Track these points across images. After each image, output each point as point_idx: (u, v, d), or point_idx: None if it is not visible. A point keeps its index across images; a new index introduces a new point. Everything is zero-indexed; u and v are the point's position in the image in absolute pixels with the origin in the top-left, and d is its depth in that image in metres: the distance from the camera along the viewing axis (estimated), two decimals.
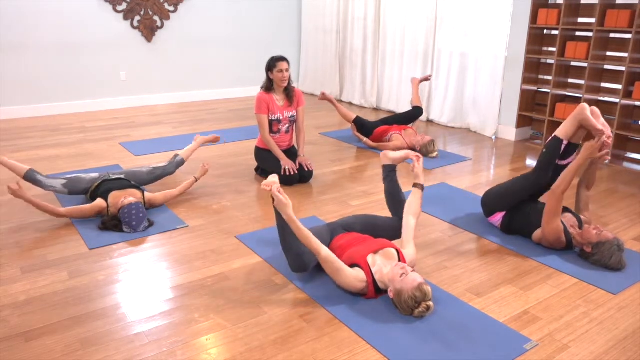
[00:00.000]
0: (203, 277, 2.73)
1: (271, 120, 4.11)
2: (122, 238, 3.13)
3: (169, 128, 5.87)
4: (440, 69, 6.19)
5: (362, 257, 2.52)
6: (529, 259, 2.98)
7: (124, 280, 2.70)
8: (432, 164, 4.71)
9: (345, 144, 5.37)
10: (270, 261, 2.89)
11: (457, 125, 6.13)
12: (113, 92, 6.77)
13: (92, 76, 6.57)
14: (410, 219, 2.74)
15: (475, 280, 2.75)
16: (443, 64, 6.16)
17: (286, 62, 4.02)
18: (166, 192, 3.59)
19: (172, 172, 3.85)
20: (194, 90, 7.40)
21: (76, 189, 3.53)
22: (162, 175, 3.81)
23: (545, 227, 2.99)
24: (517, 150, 5.32)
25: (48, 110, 6.38)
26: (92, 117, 6.29)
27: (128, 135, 5.52)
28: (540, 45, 5.42)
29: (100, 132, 5.59)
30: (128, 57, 6.76)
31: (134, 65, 6.83)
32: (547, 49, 5.44)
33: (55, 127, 5.82)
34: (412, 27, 6.43)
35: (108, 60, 6.63)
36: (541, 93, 5.60)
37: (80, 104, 6.58)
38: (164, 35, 6.97)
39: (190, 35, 7.16)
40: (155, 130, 5.76)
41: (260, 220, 3.45)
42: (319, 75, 7.93)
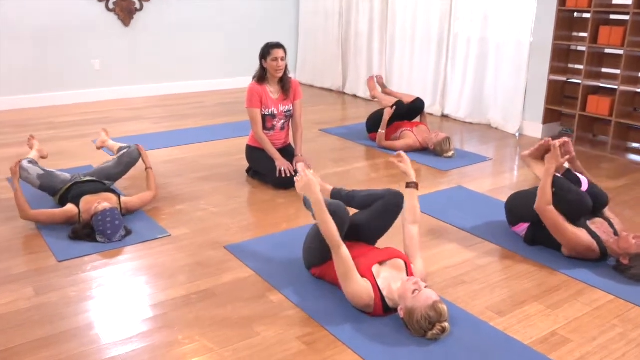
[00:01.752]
0: (187, 293, 2.73)
1: (264, 115, 4.12)
2: (96, 249, 3.13)
3: (149, 124, 5.87)
4: (457, 56, 6.20)
5: (367, 268, 2.52)
6: (557, 273, 2.98)
7: (97, 296, 2.69)
8: (447, 164, 4.72)
9: (348, 141, 5.37)
10: (264, 275, 2.89)
11: (475, 121, 6.14)
12: (85, 83, 6.78)
13: (61, 66, 6.58)
14: (411, 228, 2.74)
15: (496, 297, 2.75)
16: (460, 51, 6.17)
17: (282, 50, 4.03)
18: (141, 195, 3.59)
19: (138, 156, 3.85)
20: (178, 81, 7.41)
21: (49, 185, 3.55)
22: (130, 162, 3.82)
23: (564, 244, 3.03)
24: None
25: (11, 104, 6.39)
26: (62, 112, 6.29)
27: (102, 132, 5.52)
28: (570, 30, 5.43)
29: (71, 129, 5.60)
30: (102, 43, 6.77)
31: (109, 53, 6.85)
32: (577, 34, 5.45)
33: (20, 123, 5.83)
34: (424, 9, 6.44)
35: (79, 48, 6.64)
36: (571, 84, 5.61)
37: (48, 97, 6.59)
38: (144, 18, 6.98)
39: (174, 19, 7.17)
40: (133, 126, 5.77)
41: (252, 229, 3.45)
42: (319, 64, 7.94)
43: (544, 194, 3.06)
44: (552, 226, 3.04)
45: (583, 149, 5.24)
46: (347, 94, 7.65)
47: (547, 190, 3.05)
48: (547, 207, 3.03)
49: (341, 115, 6.73)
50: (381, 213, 2.76)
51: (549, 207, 3.03)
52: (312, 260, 2.82)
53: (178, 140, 5.27)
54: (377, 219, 2.76)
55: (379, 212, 2.76)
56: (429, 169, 4.64)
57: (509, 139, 5.62)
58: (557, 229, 3.03)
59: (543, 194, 3.06)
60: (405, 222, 2.76)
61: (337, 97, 7.57)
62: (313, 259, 2.81)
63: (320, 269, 2.79)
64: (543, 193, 3.06)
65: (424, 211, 3.73)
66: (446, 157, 4.86)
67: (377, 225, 2.79)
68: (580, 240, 2.98)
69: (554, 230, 3.04)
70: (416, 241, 2.71)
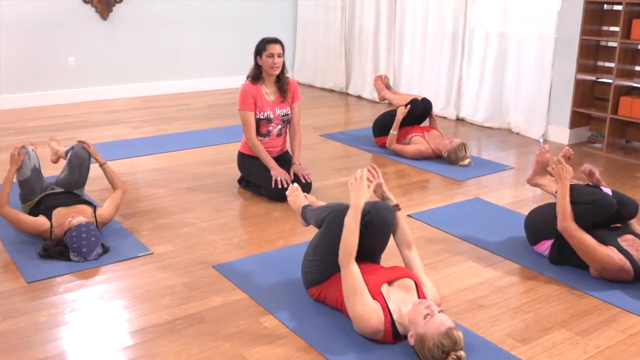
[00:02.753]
0: (172, 318, 2.72)
1: (259, 119, 4.13)
2: (69, 268, 3.12)
3: (130, 128, 5.88)
4: (473, 53, 6.23)
5: (376, 287, 2.51)
6: (587, 295, 2.97)
7: (70, 322, 2.68)
8: (463, 173, 4.72)
9: (352, 148, 5.38)
10: (258, 298, 2.88)
11: (494, 125, 6.15)
12: (59, 82, 6.81)
13: (32, 64, 6.61)
14: (408, 254, 2.75)
15: (518, 322, 2.74)
16: (477, 48, 6.19)
17: (279, 46, 4.04)
18: (111, 199, 3.56)
19: (86, 154, 3.73)
20: (162, 80, 7.44)
21: (33, 184, 3.57)
22: (82, 164, 3.70)
23: (593, 264, 3.03)
24: None
25: None
26: (34, 114, 6.31)
27: (78, 137, 5.51)
28: (599, 23, 5.45)
29: (43, 133, 5.61)
30: (78, 38, 6.80)
31: (85, 49, 6.88)
32: (607, 28, 5.47)
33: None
34: (437, 1, 6.47)
35: (53, 43, 6.67)
36: (601, 84, 5.62)
37: (17, 98, 6.61)
38: (124, 11, 7.02)
39: (157, 11, 7.21)
40: (112, 131, 5.78)
41: (244, 246, 3.44)
42: (320, 63, 7.97)
43: (563, 211, 3.10)
44: (578, 246, 3.05)
45: (614, 157, 5.25)
46: (350, 94, 7.67)
47: (566, 206, 3.10)
48: (570, 225, 3.05)
49: (344, 119, 6.74)
50: (371, 232, 2.69)
51: (572, 224, 3.05)
52: (311, 277, 2.81)
53: (162, 147, 5.28)
54: (369, 238, 2.70)
55: (368, 230, 2.68)
56: (442, 178, 4.64)
57: (531, 145, 5.62)
58: (584, 248, 3.03)
59: (563, 212, 3.10)
60: (400, 248, 2.79)
61: (340, 98, 7.59)
62: (312, 274, 2.80)
63: (320, 288, 2.78)
64: (563, 210, 3.10)
65: (437, 225, 3.73)
66: (461, 165, 4.86)
67: (371, 244, 2.75)
68: (611, 259, 2.97)
69: (581, 251, 3.05)
70: (418, 265, 2.72)
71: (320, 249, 2.74)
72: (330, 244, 2.66)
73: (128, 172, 4.64)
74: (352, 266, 2.53)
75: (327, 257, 2.68)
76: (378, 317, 2.44)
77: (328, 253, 2.66)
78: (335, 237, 2.63)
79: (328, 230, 2.72)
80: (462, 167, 4.84)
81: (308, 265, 2.83)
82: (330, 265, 2.66)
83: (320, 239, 2.78)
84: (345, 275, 2.54)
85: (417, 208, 4.00)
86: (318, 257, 2.75)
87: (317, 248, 2.77)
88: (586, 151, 5.45)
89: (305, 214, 3.06)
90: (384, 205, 2.73)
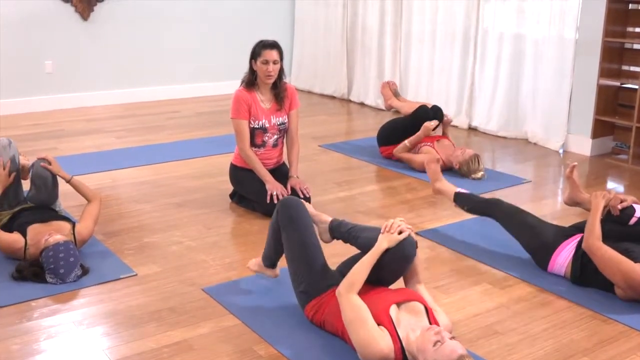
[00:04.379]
0: (158, 346, 2.72)
1: (253, 128, 4.14)
2: (45, 291, 3.11)
3: (112, 138, 5.90)
4: (487, 57, 6.26)
5: (384, 310, 2.51)
6: (612, 321, 2.97)
7: (46, 350, 2.67)
8: (476, 187, 4.72)
9: (354, 159, 5.39)
10: (251, 324, 2.88)
11: (510, 135, 6.17)
12: (35, 88, 6.82)
13: (5, 68, 6.61)
14: (417, 287, 2.80)
15: (537, 350, 2.73)
16: (490, 50, 6.22)
17: (276, 52, 4.04)
18: (87, 213, 3.55)
19: (47, 172, 3.66)
20: (147, 86, 7.46)
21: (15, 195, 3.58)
22: (45, 183, 3.65)
23: (620, 281, 3.04)
24: (594, 169, 5.34)
25: None
26: (7, 123, 6.31)
27: (55, 148, 5.54)
28: (624, 24, 5.49)
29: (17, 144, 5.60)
30: (56, 41, 6.83)
31: (64, 52, 6.90)
32: (633, 29, 5.51)
33: None
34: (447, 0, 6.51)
35: (28, 46, 6.69)
36: (625, 90, 5.64)
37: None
38: (107, 10, 7.05)
39: (142, 10, 7.24)
40: (92, 141, 5.79)
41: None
42: (320, 66, 8.00)
43: (592, 228, 3.16)
44: (603, 263, 3.07)
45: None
46: (353, 101, 7.70)
47: (595, 223, 3.17)
48: (595, 243, 3.11)
49: (346, 128, 6.76)
50: (388, 264, 2.72)
51: (598, 243, 3.10)
52: (301, 293, 2.85)
53: (148, 158, 5.28)
54: (384, 270, 2.73)
55: (385, 263, 2.71)
56: None
57: (550, 156, 5.64)
58: (609, 265, 3.04)
59: (591, 229, 3.16)
60: (407, 283, 2.84)
61: (341, 105, 7.62)
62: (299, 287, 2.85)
63: (315, 304, 2.79)
64: (591, 228, 3.17)
65: (447, 245, 3.74)
66: (474, 178, 4.87)
67: (384, 276, 2.78)
68: (637, 274, 2.97)
69: (607, 267, 3.06)
70: (427, 297, 2.75)
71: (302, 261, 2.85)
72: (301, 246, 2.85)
73: (110, 185, 4.65)
74: (351, 296, 2.56)
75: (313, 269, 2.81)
76: (386, 342, 2.44)
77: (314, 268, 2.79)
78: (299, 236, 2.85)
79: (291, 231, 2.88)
80: (475, 181, 4.85)
81: (292, 279, 2.90)
82: (319, 276, 2.78)
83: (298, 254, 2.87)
84: (345, 305, 2.55)
85: (426, 225, 4.01)
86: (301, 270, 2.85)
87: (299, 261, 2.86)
88: (610, 163, 5.46)
89: (342, 227, 3.05)
90: (408, 240, 2.74)
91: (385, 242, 2.67)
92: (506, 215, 3.63)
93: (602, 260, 3.07)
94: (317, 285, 2.81)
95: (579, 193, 3.81)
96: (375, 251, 2.67)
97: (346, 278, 2.62)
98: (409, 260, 2.76)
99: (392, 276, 2.82)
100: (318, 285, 2.81)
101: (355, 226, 3.01)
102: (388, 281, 2.82)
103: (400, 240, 2.67)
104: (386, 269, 2.74)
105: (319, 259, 2.86)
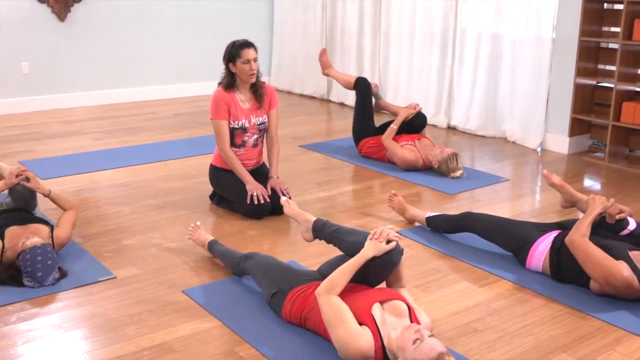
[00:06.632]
0: (137, 349, 2.70)
1: (233, 128, 4.14)
2: (23, 295, 3.09)
3: (90, 140, 5.86)
4: (465, 57, 6.30)
5: (366, 309, 2.52)
6: (589, 317, 3.00)
7: (24, 355, 2.65)
8: (455, 186, 4.76)
9: (334, 159, 5.40)
10: (232, 325, 2.87)
11: (488, 134, 6.21)
12: (11, 90, 6.76)
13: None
14: (401, 291, 2.81)
15: (516, 347, 2.75)
16: (468, 50, 6.27)
17: (254, 49, 4.07)
18: (64, 218, 3.53)
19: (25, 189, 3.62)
20: (125, 87, 7.42)
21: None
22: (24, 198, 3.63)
23: (597, 276, 3.06)
24: (571, 167, 5.39)
25: None
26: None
27: (32, 150, 5.50)
28: (599, 24, 5.55)
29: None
30: (32, 42, 6.77)
31: (40, 54, 6.84)
32: (608, 29, 5.57)
33: None
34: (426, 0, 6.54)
35: (4, 47, 6.63)
36: (602, 88, 5.71)
37: None
38: (84, 11, 7.00)
39: (121, 11, 7.20)
40: (70, 143, 5.75)
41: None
42: (299, 67, 8.01)
43: (581, 227, 3.17)
44: (583, 259, 3.09)
45: (617, 166, 5.32)
46: (332, 102, 7.71)
47: (586, 225, 3.18)
48: (579, 239, 3.12)
49: (326, 128, 6.77)
50: (373, 269, 2.73)
51: (582, 239, 3.12)
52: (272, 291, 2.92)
53: (126, 160, 5.25)
54: (368, 273, 2.75)
55: (370, 268, 2.72)
56: (433, 192, 4.67)
57: (529, 155, 5.69)
58: (589, 258, 3.06)
59: (580, 228, 3.17)
60: (390, 285, 2.85)
61: (321, 105, 7.63)
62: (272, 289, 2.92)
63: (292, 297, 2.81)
64: (581, 227, 3.17)
65: (427, 243, 3.76)
66: (453, 177, 4.90)
67: (368, 278, 2.78)
68: (619, 274, 2.99)
69: (588, 261, 3.08)
70: (408, 298, 2.75)
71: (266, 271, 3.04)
72: (267, 266, 3.08)
73: (89, 187, 4.62)
74: (331, 297, 2.56)
75: (271, 271, 3.02)
76: (367, 341, 2.45)
77: (268, 268, 3.03)
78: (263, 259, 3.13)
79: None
80: (454, 179, 4.87)
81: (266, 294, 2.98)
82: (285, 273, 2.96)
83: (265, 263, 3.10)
84: (324, 305, 2.56)
85: (406, 224, 4.03)
86: (265, 283, 3.01)
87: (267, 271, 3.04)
88: (587, 161, 5.52)
89: (326, 228, 3.05)
90: (396, 248, 2.73)
91: (372, 250, 2.67)
92: (481, 224, 3.65)
93: (584, 255, 3.08)
94: (290, 280, 2.87)
95: (572, 193, 3.82)
96: (360, 258, 2.66)
97: (327, 280, 2.63)
98: (395, 266, 2.78)
99: (376, 279, 2.83)
100: (291, 280, 2.86)
101: (339, 228, 3.01)
102: (372, 283, 2.82)
103: (387, 250, 2.67)
104: (371, 273, 2.75)
105: (288, 266, 3.02)
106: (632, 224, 3.33)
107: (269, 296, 2.94)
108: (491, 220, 3.66)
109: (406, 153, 5.02)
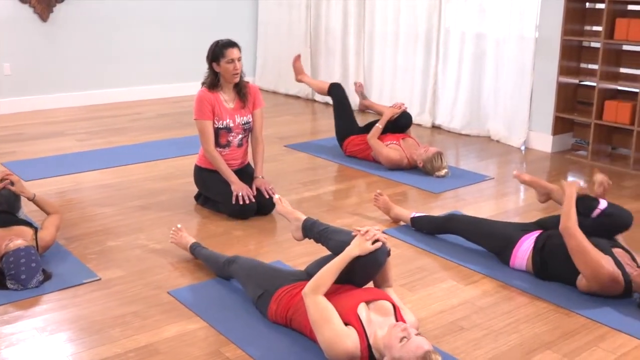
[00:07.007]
0: (123, 351, 2.69)
1: (218, 128, 4.13)
2: (6, 298, 3.06)
3: (73, 141, 5.82)
4: (449, 56, 6.33)
5: (352, 309, 2.53)
6: (574, 314, 3.02)
7: (8, 359, 2.63)
8: (439, 185, 4.78)
9: (320, 159, 5.40)
10: (218, 326, 2.87)
11: (472, 133, 6.24)
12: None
13: None
14: (388, 291, 2.82)
15: (502, 345, 2.77)
16: (452, 50, 6.29)
17: (237, 49, 4.07)
18: (48, 222, 3.51)
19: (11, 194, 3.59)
20: (109, 88, 7.38)
21: None
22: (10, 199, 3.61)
23: (586, 271, 3.07)
24: (555, 165, 5.43)
25: None
26: None
27: (14, 151, 5.45)
28: (582, 23, 5.59)
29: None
30: (14, 42, 6.72)
31: (22, 54, 6.79)
32: (590, 28, 5.61)
33: None
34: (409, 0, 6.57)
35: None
36: (584, 87, 5.75)
37: None
38: (66, 11, 6.96)
39: (103, 11, 7.16)
40: (53, 144, 5.71)
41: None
42: (283, 67, 7.96)
43: (568, 212, 3.17)
44: (576, 248, 3.07)
45: (600, 164, 5.36)
46: (317, 101, 7.71)
47: (572, 210, 3.18)
48: (573, 226, 3.11)
49: (311, 128, 6.77)
50: (358, 269, 2.73)
51: (575, 225, 3.11)
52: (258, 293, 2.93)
53: (110, 161, 5.22)
54: (354, 273, 2.75)
55: (356, 268, 2.72)
56: (418, 191, 4.69)
57: (513, 153, 5.72)
58: (581, 251, 3.06)
59: (568, 213, 3.17)
60: (377, 286, 2.85)
61: (306, 105, 7.63)
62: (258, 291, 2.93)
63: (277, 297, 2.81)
64: (568, 212, 3.17)
65: (412, 242, 3.77)
66: (438, 176, 4.92)
67: (354, 279, 2.78)
68: (606, 267, 3.02)
69: (578, 254, 3.07)
70: (395, 298, 2.76)
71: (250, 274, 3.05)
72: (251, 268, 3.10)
73: (72, 189, 4.59)
74: (317, 297, 2.56)
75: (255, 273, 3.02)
76: (352, 341, 2.45)
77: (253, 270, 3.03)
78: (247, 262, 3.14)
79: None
80: (439, 178, 4.89)
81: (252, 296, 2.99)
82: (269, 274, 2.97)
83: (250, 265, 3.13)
84: (310, 305, 2.56)
85: (391, 223, 4.04)
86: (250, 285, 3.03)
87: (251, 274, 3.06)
88: (570, 159, 5.57)
89: (315, 227, 3.06)
90: (381, 248, 2.73)
91: (356, 249, 2.66)
92: (464, 226, 3.69)
93: (577, 245, 3.07)
94: (274, 281, 2.88)
95: (544, 185, 3.82)
96: (344, 256, 2.66)
97: (313, 279, 2.63)
98: (380, 266, 2.78)
99: (362, 280, 2.82)
100: (276, 281, 2.87)
101: (328, 227, 3.02)
102: (358, 283, 2.82)
103: (372, 250, 2.67)
104: (356, 273, 2.75)
105: (272, 267, 3.05)
106: (602, 203, 3.34)
107: (255, 298, 2.94)
108: (473, 222, 3.69)
109: (391, 152, 5.04)
